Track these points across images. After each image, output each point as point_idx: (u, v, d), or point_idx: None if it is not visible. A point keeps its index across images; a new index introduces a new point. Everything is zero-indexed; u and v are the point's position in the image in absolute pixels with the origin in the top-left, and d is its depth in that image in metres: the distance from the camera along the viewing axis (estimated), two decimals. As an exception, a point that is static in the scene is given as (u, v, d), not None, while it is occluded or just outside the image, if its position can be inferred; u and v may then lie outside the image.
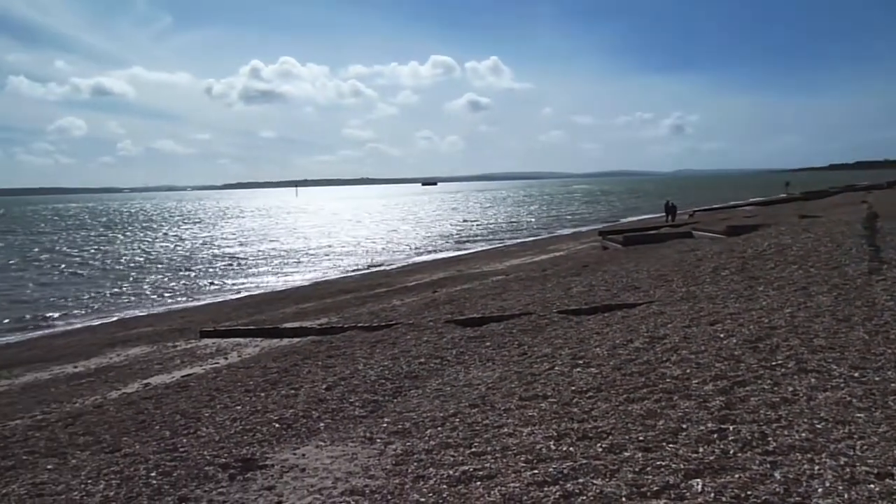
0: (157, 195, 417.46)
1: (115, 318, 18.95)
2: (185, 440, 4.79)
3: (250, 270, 29.69)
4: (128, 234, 59.30)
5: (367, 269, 28.00)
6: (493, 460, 3.65)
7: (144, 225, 73.37)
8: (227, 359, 8.75)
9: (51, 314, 20.44)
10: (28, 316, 20.19)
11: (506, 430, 4.16)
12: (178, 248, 42.92)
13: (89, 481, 4.05)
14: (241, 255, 36.12)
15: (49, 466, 4.58)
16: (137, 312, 19.93)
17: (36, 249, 45.08)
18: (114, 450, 4.81)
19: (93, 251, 42.51)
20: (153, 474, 4.08)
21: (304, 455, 4.27)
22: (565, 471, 3.33)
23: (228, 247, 41.96)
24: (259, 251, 38.35)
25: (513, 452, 3.73)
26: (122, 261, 35.85)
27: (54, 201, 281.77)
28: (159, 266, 32.68)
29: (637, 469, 3.26)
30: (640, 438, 3.65)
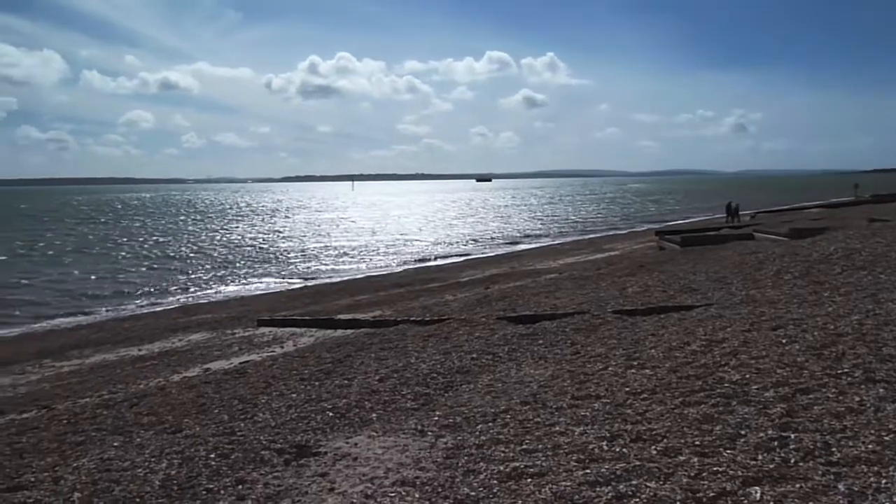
0: (219, 186, 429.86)
1: (177, 305, 19.64)
2: (242, 424, 4.93)
3: (306, 262, 30.28)
4: (192, 223, 61.28)
5: (420, 263, 28.18)
6: (544, 458, 3.64)
7: (208, 215, 75.67)
8: (282, 347, 8.96)
9: (118, 298, 21.34)
10: (97, 299, 21.13)
11: (557, 428, 4.14)
12: (238, 238, 44.11)
13: (153, 459, 4.22)
14: (298, 247, 36.87)
15: (115, 443, 4.78)
16: (198, 300, 20.60)
17: (108, 236, 47.06)
18: (175, 430, 4.99)
19: (159, 239, 44.11)
20: (212, 456, 4.22)
21: (356, 444, 4.34)
22: (618, 472, 3.29)
23: (285, 238, 42.89)
24: (314, 243, 39.07)
25: (564, 451, 3.70)
26: (185, 249, 37.08)
27: (124, 191, 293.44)
28: (219, 255, 33.68)
29: (692, 474, 3.20)
30: (696, 443, 3.58)
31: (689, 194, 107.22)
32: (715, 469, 3.22)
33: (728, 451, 3.42)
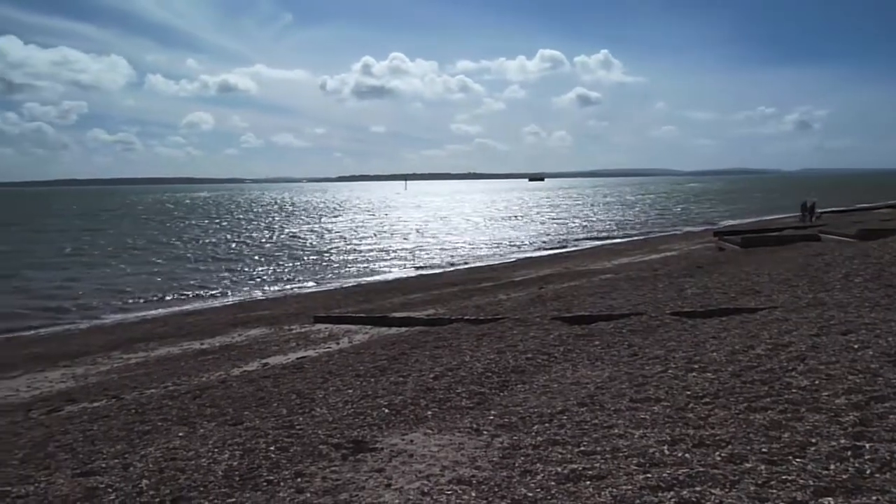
0: (276, 186, 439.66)
1: (236, 301, 20.17)
2: (300, 418, 5.01)
3: (359, 260, 30.66)
4: (250, 222, 62.88)
5: (472, 263, 28.17)
6: (602, 461, 3.57)
7: (266, 215, 77.52)
8: (338, 344, 9.09)
9: (181, 294, 22.06)
10: (161, 295, 21.89)
11: (616, 431, 4.06)
12: (294, 237, 45.01)
13: (216, 450, 4.33)
14: (352, 246, 37.38)
15: (180, 434, 4.93)
16: (256, 296, 21.10)
17: (172, 234, 48.71)
18: (236, 423, 5.11)
19: (219, 237, 45.41)
20: (272, 448, 4.30)
21: (412, 441, 4.35)
22: (681, 477, 3.21)
23: (340, 237, 43.53)
24: (368, 242, 39.54)
25: (624, 454, 3.63)
26: (243, 248, 38.06)
27: (185, 190, 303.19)
28: (276, 253, 34.44)
29: (760, 482, 3.09)
30: (764, 450, 3.45)
31: (748, 194, 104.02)
32: (784, 478, 3.10)
33: (798, 460, 3.29)
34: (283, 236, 45.31)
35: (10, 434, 5.67)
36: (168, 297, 21.47)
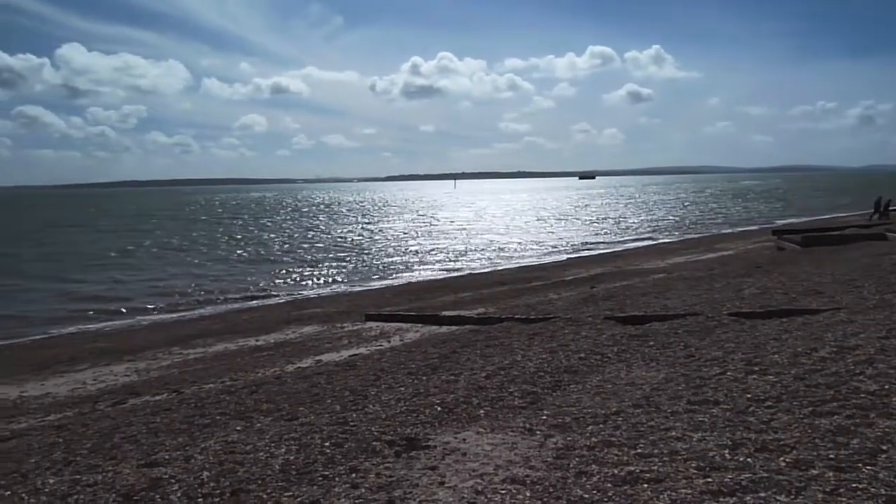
0: (327, 186, 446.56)
1: (290, 299, 20.57)
2: (354, 415, 5.07)
3: (410, 259, 30.86)
4: (303, 221, 64.04)
5: (522, 261, 28.03)
6: (660, 463, 3.50)
7: (318, 214, 78.82)
8: (389, 342, 9.17)
9: (236, 292, 22.64)
10: (218, 292, 22.51)
11: (673, 433, 3.98)
12: (345, 235, 45.62)
13: (272, 445, 4.42)
14: (402, 245, 37.66)
15: (238, 428, 5.05)
16: (309, 294, 21.48)
17: (227, 232, 50.01)
18: (292, 418, 5.20)
19: (273, 237, 46.41)
20: (327, 444, 4.36)
21: (464, 440, 4.35)
22: (743, 482, 3.11)
23: (390, 236, 43.90)
24: (419, 241, 39.76)
25: (682, 458, 3.55)
26: (296, 246, 38.78)
27: (240, 190, 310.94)
28: (328, 252, 34.97)
29: (828, 489, 2.97)
30: (831, 456, 3.32)
31: (808, 191, 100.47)
32: (854, 486, 2.98)
33: (868, 468, 3.16)
34: (334, 236, 45.99)
35: (79, 425, 5.90)
36: (224, 295, 22.05)
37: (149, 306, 20.15)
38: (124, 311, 19.46)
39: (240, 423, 5.22)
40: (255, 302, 20.48)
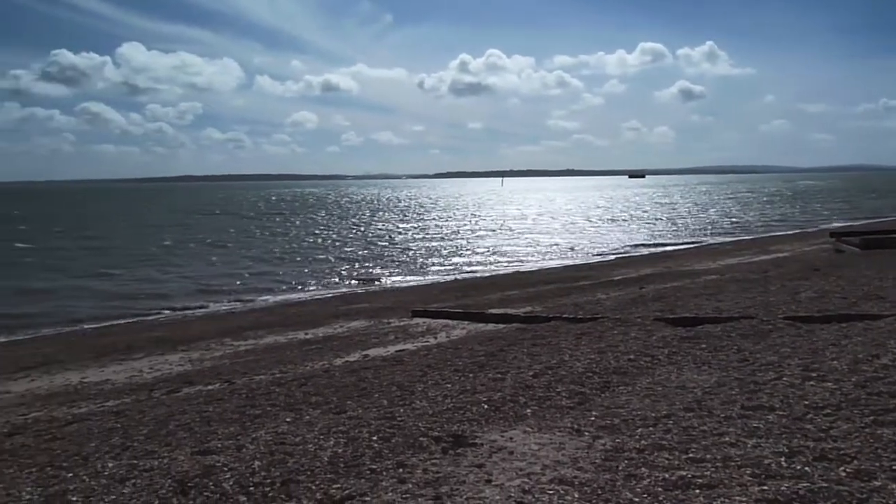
0: (376, 182, 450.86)
1: (337, 293, 20.86)
2: (401, 410, 5.11)
3: (456, 256, 30.92)
4: (352, 217, 64.87)
5: (570, 260, 27.78)
6: (713, 469, 3.42)
7: (366, 210, 79.71)
8: (436, 338, 9.19)
9: (285, 286, 23.11)
10: (268, 285, 23.02)
11: (727, 439, 3.88)
12: (392, 231, 45.98)
13: (321, 437, 4.49)
14: (449, 241, 37.75)
15: (287, 419, 5.15)
16: (356, 289, 21.73)
17: (277, 228, 51.03)
18: (340, 411, 5.27)
19: (322, 231, 47.12)
20: (374, 438, 4.41)
21: (511, 438, 4.34)
22: (801, 492, 3.02)
23: (437, 233, 44.05)
24: (465, 238, 39.79)
25: (736, 464, 3.46)
26: (345, 241, 39.30)
27: (291, 186, 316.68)
28: (376, 248, 35.32)
29: (891, 502, 2.86)
30: (894, 467, 3.20)
31: (869, 192, 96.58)
32: (919, 499, 2.86)
33: (935, 481, 3.03)
34: (381, 232, 46.40)
35: (136, 412, 6.11)
36: (273, 288, 22.54)
37: (202, 298, 20.73)
38: (178, 301, 20.09)
39: (289, 414, 5.32)
40: (303, 296, 20.83)
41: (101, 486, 3.85)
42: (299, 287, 22.84)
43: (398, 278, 24.46)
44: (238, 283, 23.91)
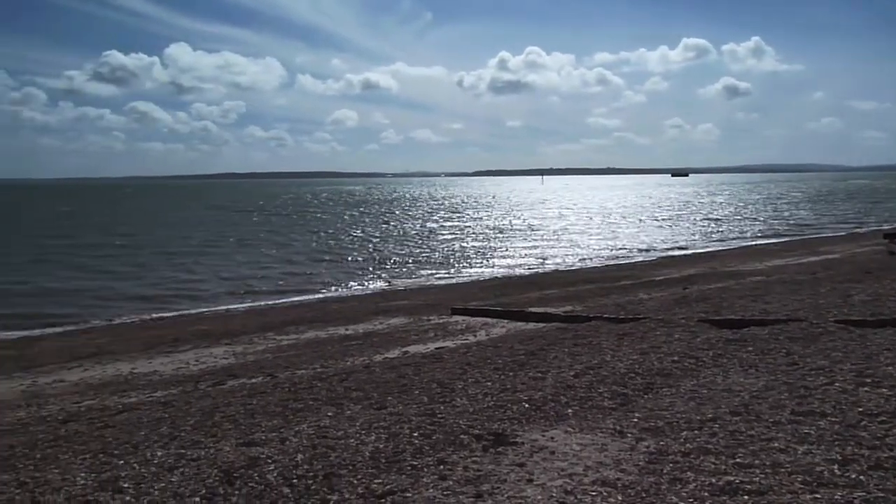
0: (415, 180, 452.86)
1: (377, 290, 21.02)
2: (441, 407, 5.11)
3: (496, 254, 30.84)
4: (391, 215, 65.28)
5: (610, 260, 27.45)
6: (762, 475, 3.34)
7: (406, 208, 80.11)
8: (475, 336, 9.19)
9: (326, 282, 23.38)
10: (309, 282, 23.34)
11: (776, 444, 3.79)
12: (433, 230, 46.10)
13: (363, 432, 4.52)
14: (488, 240, 37.68)
15: (329, 413, 5.20)
16: (396, 286, 21.86)
17: (317, 224, 51.67)
18: (380, 407, 5.31)
19: (362, 228, 47.55)
20: (415, 434, 4.42)
21: (552, 438, 4.31)
22: (856, 501, 2.93)
23: (477, 231, 44.01)
24: (505, 236, 39.67)
25: (786, 470, 3.37)
26: (385, 239, 39.57)
27: (332, 183, 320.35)
28: (415, 246, 35.47)
29: (952, 514, 2.75)
30: (956, 479, 3.08)
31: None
32: (983, 512, 2.75)
33: None
34: (420, 229, 46.58)
35: (183, 402, 6.25)
36: (314, 284, 22.84)
37: (244, 292, 21.15)
38: (222, 297, 20.52)
39: (331, 409, 5.37)
40: (343, 292, 21.05)
41: (151, 474, 3.96)
42: (339, 283, 23.08)
43: (437, 276, 24.51)
44: (280, 279, 24.32)
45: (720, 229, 41.59)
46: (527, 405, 5.02)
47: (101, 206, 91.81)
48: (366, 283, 22.99)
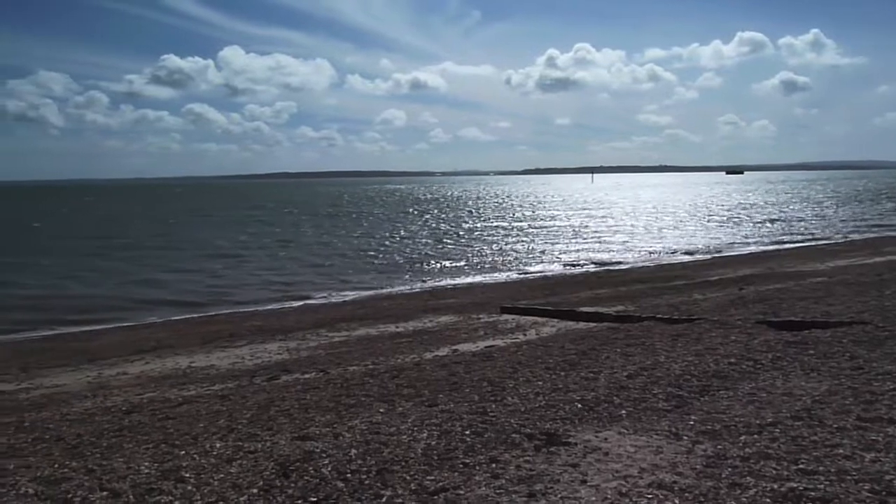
0: (463, 179, 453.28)
1: (426, 288, 21.12)
2: (493, 406, 5.11)
3: (545, 253, 30.61)
4: (440, 213, 65.50)
5: (663, 259, 26.93)
6: (826, 482, 3.23)
7: (454, 207, 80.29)
8: (525, 335, 9.15)
9: (376, 280, 23.63)
10: (360, 279, 23.65)
11: (841, 451, 3.65)
12: (482, 229, 46.07)
13: (415, 428, 4.55)
14: (537, 238, 37.43)
15: (381, 410, 5.25)
16: (445, 285, 21.93)
17: (368, 223, 52.27)
18: (431, 404, 5.33)
19: (410, 227, 47.86)
20: (467, 432, 4.43)
21: (606, 439, 4.26)
22: (928, 512, 2.81)
23: (526, 230, 43.78)
24: (554, 235, 39.34)
25: (853, 478, 3.25)
26: (434, 237, 39.73)
27: (381, 182, 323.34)
28: (464, 244, 35.52)
29: None
30: None
31: None
32: None
33: None
34: (469, 228, 46.62)
35: (240, 396, 6.41)
36: (364, 282, 23.11)
37: (297, 289, 21.57)
38: (275, 293, 20.99)
39: (383, 405, 5.42)
40: (393, 290, 21.22)
41: (211, 465, 4.07)
42: (388, 281, 23.29)
43: (485, 275, 24.48)
44: (333, 275, 24.74)
45: (777, 228, 40.33)
46: (579, 405, 4.97)
47: (159, 205, 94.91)
48: (415, 281, 23.13)
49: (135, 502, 3.56)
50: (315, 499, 3.53)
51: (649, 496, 3.29)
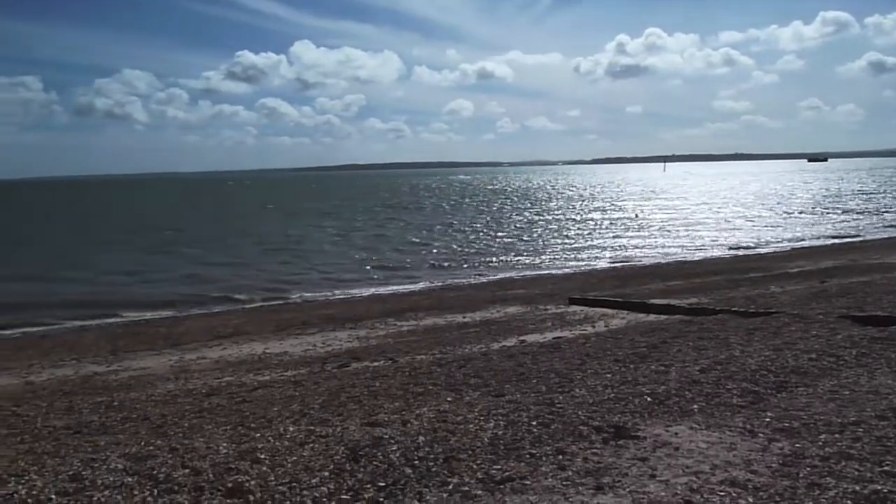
0: (532, 169, 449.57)
1: (494, 279, 21.13)
2: (560, 397, 5.08)
3: (616, 244, 30.10)
4: (508, 205, 65.28)
5: (738, 250, 26.01)
6: (914, 486, 3.07)
7: (522, 198, 79.84)
8: (594, 327, 9.03)
9: (442, 270, 23.82)
10: (428, 270, 23.92)
11: (931, 453, 3.46)
12: (550, 220, 45.64)
13: (482, 418, 4.58)
14: (608, 229, 36.81)
15: (448, 398, 5.31)
16: (512, 275, 21.87)
17: (433, 213, 52.61)
18: (498, 395, 5.35)
19: (479, 218, 47.91)
20: (534, 423, 4.42)
21: (676, 434, 4.17)
22: None
23: (596, 220, 43.10)
24: (625, 226, 38.57)
25: (944, 482, 3.08)
26: (501, 228, 39.65)
27: (448, 173, 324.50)
28: (532, 235, 35.31)
29: None
30: None
31: None
32: None
33: None
34: (538, 218, 46.26)
35: (312, 382, 6.60)
36: (431, 272, 23.36)
37: (366, 280, 22.01)
38: (344, 283, 21.51)
39: (450, 394, 5.48)
40: (460, 281, 21.34)
41: (285, 448, 4.22)
42: (456, 272, 23.43)
43: (553, 265, 24.27)
44: (401, 266, 25.10)
45: (863, 218, 38.22)
46: (649, 399, 4.88)
47: (230, 198, 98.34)
48: (482, 272, 23.17)
49: (214, 480, 3.72)
50: (384, 483, 3.61)
51: (721, 493, 3.21)
